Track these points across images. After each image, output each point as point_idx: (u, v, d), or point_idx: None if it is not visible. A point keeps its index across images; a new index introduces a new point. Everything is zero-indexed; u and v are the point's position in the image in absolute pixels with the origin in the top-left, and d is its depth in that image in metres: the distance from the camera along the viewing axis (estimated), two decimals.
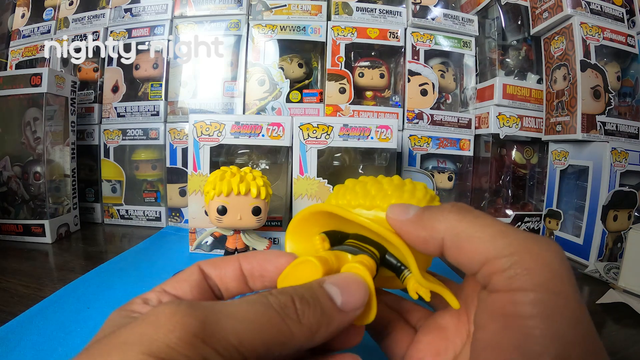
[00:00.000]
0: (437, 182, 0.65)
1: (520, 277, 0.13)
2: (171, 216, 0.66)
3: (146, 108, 0.66)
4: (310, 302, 0.14)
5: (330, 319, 0.14)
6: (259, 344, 0.12)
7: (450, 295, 0.17)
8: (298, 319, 0.13)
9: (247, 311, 0.13)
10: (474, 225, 0.15)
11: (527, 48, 0.66)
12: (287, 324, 0.13)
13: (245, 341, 0.12)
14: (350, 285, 0.15)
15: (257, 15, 0.66)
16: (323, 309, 0.14)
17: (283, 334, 0.13)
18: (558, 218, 0.59)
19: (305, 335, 0.13)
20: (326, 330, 0.14)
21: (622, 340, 0.33)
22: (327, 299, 0.14)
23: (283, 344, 0.13)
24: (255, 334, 0.12)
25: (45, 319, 0.32)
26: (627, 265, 0.41)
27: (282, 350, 0.13)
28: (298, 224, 0.21)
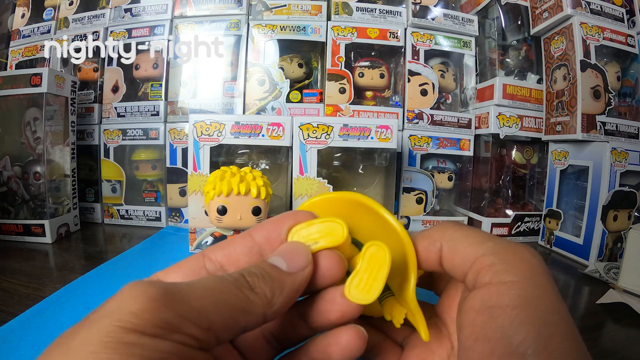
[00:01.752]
0: (437, 182, 0.65)
1: (504, 270, 0.15)
2: (171, 216, 0.66)
3: (146, 108, 0.66)
4: (258, 274, 0.15)
5: (281, 283, 0.15)
6: (222, 310, 0.13)
7: (423, 326, 0.18)
8: (251, 288, 0.15)
9: (206, 282, 0.14)
10: (466, 233, 0.17)
11: (527, 48, 0.66)
12: (243, 292, 0.14)
13: (207, 306, 0.13)
14: (290, 251, 0.17)
15: (257, 15, 0.66)
16: (271, 277, 0.15)
17: (242, 300, 0.14)
18: (558, 218, 0.59)
19: (263, 302, 0.15)
20: (281, 294, 0.15)
21: (622, 340, 0.33)
22: (273, 267, 0.16)
23: (245, 311, 0.14)
24: (216, 300, 0.13)
25: (45, 319, 0.32)
26: (627, 265, 0.41)
27: (247, 319, 0.14)
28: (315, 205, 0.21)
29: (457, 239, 0.17)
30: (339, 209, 0.20)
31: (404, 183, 0.64)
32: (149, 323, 0.12)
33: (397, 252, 0.18)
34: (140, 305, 0.12)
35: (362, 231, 0.20)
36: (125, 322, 0.11)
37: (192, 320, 0.12)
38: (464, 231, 0.17)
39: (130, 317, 0.12)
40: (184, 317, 0.12)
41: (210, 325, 0.13)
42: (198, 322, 0.13)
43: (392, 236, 0.19)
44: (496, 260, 0.15)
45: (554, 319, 0.14)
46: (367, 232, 0.20)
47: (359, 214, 0.20)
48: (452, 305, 0.19)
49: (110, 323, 0.11)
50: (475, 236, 0.17)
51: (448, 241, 0.17)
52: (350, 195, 0.20)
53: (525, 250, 0.16)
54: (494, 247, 0.16)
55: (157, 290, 0.12)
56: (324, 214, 0.20)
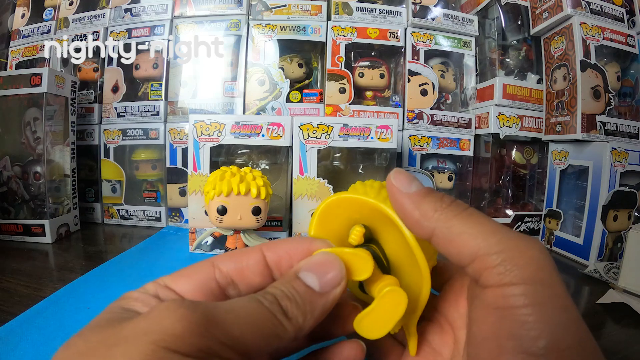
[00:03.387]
0: (437, 182, 0.65)
1: (510, 272, 0.14)
2: (171, 216, 0.66)
3: (146, 108, 0.66)
4: (291, 298, 0.15)
5: (313, 304, 0.15)
6: (258, 337, 0.13)
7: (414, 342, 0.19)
8: (285, 314, 0.14)
9: (244, 307, 0.14)
10: (467, 222, 0.15)
11: (527, 48, 0.66)
12: (278, 319, 0.14)
13: (246, 334, 0.13)
14: (324, 267, 0.16)
15: (257, 15, 0.66)
16: (304, 300, 0.15)
17: (277, 327, 0.14)
18: (558, 218, 0.59)
19: (295, 326, 0.14)
20: (312, 316, 0.15)
21: (622, 340, 0.33)
22: (305, 288, 0.15)
23: (279, 336, 0.14)
24: (253, 327, 0.13)
25: (45, 319, 0.32)
26: (627, 265, 0.41)
27: (279, 342, 0.14)
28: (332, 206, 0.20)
29: (454, 227, 0.15)
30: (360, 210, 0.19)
31: None
32: (191, 347, 0.12)
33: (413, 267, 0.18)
34: (183, 328, 0.12)
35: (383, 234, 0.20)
36: (168, 343, 0.11)
37: (232, 347, 0.13)
38: (462, 217, 0.15)
39: (173, 339, 0.11)
40: (224, 343, 0.12)
41: (245, 351, 0.13)
42: (236, 348, 0.13)
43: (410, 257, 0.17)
44: (501, 260, 0.14)
45: (564, 319, 0.13)
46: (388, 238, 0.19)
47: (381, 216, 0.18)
48: (458, 300, 0.19)
49: (152, 342, 0.11)
50: (476, 227, 0.15)
51: (444, 227, 0.16)
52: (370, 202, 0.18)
53: (531, 247, 0.15)
54: (497, 244, 0.14)
55: (201, 315, 0.12)
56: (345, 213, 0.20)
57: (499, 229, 0.15)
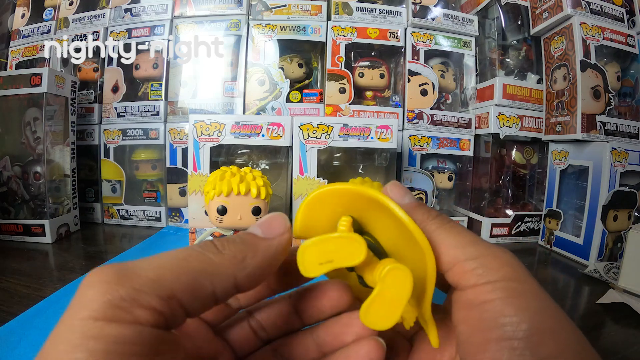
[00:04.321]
0: (437, 182, 0.65)
1: (486, 273, 0.15)
2: (171, 216, 0.66)
3: (146, 108, 0.66)
4: (229, 239, 0.15)
5: (255, 246, 0.15)
6: (183, 276, 0.13)
7: (434, 332, 0.18)
8: (218, 250, 0.14)
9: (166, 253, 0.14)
10: (449, 234, 0.17)
11: (527, 48, 0.66)
12: (206, 255, 0.14)
13: (165, 274, 0.13)
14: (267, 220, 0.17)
15: (257, 15, 0.66)
16: (243, 240, 0.15)
17: (206, 263, 0.14)
18: (558, 218, 0.59)
19: (232, 262, 0.14)
20: (254, 256, 0.15)
21: (622, 340, 0.33)
22: (247, 233, 0.16)
23: (210, 273, 0.14)
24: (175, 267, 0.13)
25: (45, 319, 0.32)
26: (627, 265, 0.41)
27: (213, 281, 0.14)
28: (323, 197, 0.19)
29: (438, 237, 0.17)
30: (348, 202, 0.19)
31: (404, 183, 0.64)
32: (105, 306, 0.12)
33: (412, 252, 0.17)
34: (95, 289, 0.12)
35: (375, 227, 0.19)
36: (84, 312, 0.11)
37: (149, 291, 0.12)
38: (445, 229, 0.17)
39: (88, 305, 0.12)
40: (139, 289, 0.12)
41: (170, 293, 0.13)
42: (156, 291, 0.12)
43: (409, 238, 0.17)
44: (478, 264, 0.16)
45: (542, 305, 0.15)
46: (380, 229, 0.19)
47: (371, 208, 0.18)
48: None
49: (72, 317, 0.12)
50: (456, 237, 0.17)
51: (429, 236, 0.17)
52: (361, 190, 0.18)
53: (503, 253, 0.16)
54: (474, 252, 0.16)
55: (111, 271, 0.12)
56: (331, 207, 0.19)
57: (476, 240, 0.17)
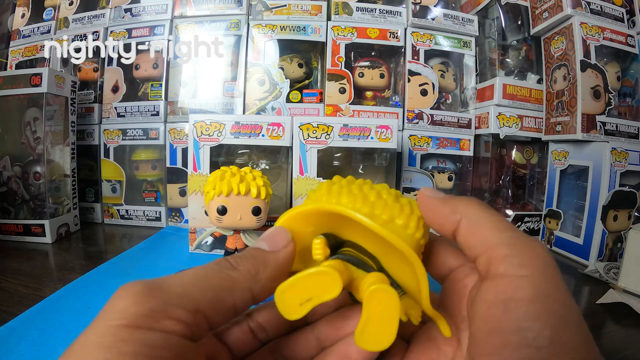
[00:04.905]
0: (437, 182, 0.65)
1: (518, 264, 0.15)
2: (171, 216, 0.66)
3: (146, 108, 0.66)
4: (241, 256, 0.17)
5: (264, 260, 0.17)
6: (206, 291, 0.15)
7: (443, 323, 0.18)
8: (233, 267, 0.16)
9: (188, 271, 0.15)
10: (489, 217, 0.17)
11: (527, 48, 0.66)
12: (225, 272, 0.16)
13: (191, 289, 0.14)
14: (271, 234, 0.18)
15: (257, 15, 0.66)
16: (254, 256, 0.17)
17: (224, 279, 0.15)
18: (558, 218, 0.59)
19: (247, 277, 0.16)
20: (265, 269, 0.16)
21: (622, 340, 0.33)
22: (255, 249, 0.17)
23: (229, 288, 0.15)
24: (198, 283, 0.15)
25: (45, 319, 0.32)
26: (627, 265, 0.41)
27: (233, 296, 0.15)
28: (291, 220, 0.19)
29: (479, 219, 0.17)
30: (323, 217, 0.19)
31: (404, 183, 0.64)
32: (136, 315, 0.12)
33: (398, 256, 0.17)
34: (126, 300, 0.13)
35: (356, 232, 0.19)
36: (115, 320, 0.12)
37: (177, 304, 0.13)
38: (486, 213, 0.17)
39: (119, 314, 0.12)
40: (168, 302, 0.13)
41: (196, 307, 0.14)
42: (183, 304, 0.13)
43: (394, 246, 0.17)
44: (511, 252, 0.15)
45: (566, 313, 0.14)
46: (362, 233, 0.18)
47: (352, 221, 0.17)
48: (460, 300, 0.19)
49: (102, 324, 0.12)
50: (496, 222, 0.17)
51: (470, 218, 0.17)
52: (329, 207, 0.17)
53: (538, 245, 0.16)
54: (510, 238, 0.16)
55: (141, 285, 0.14)
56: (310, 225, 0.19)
57: (513, 228, 0.17)
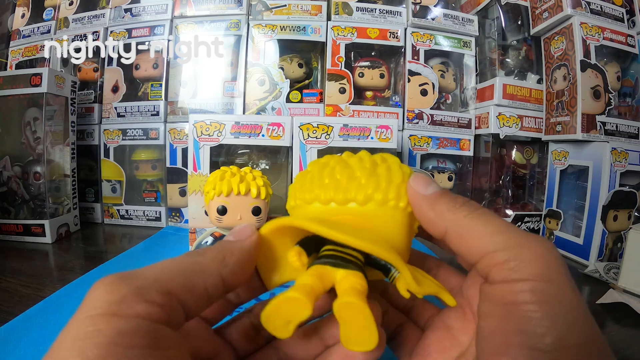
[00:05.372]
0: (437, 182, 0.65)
1: (517, 268, 0.14)
2: (171, 216, 0.66)
3: (146, 108, 0.66)
4: (209, 247, 0.17)
5: (231, 248, 0.17)
6: (176, 275, 0.15)
7: (445, 294, 0.17)
8: (201, 254, 0.16)
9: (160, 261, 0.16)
10: (477, 221, 0.16)
11: (527, 48, 0.66)
12: (194, 258, 0.16)
13: (161, 274, 0.14)
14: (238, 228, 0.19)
15: (257, 15, 0.66)
16: (220, 244, 0.17)
17: (193, 264, 0.16)
18: (558, 218, 0.59)
19: (215, 262, 0.16)
20: (231, 256, 0.17)
21: (622, 340, 0.33)
22: (222, 241, 0.18)
23: (199, 271, 0.15)
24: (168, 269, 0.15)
25: (45, 319, 0.32)
26: (627, 265, 0.41)
27: (204, 279, 0.15)
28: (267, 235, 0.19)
29: (465, 226, 0.16)
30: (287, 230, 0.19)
31: None
32: (109, 303, 0.12)
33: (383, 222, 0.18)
34: (99, 290, 0.13)
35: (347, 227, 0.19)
36: (90, 311, 0.12)
37: (149, 288, 0.13)
38: (474, 217, 0.16)
39: (93, 305, 0.12)
40: (140, 287, 0.13)
41: (167, 289, 0.14)
42: (155, 288, 0.13)
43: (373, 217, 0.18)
44: (509, 257, 0.14)
45: (571, 317, 0.14)
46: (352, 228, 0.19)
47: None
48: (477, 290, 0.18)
49: (78, 317, 0.12)
50: (485, 226, 0.16)
51: (455, 226, 0.16)
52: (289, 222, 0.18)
53: (539, 244, 0.15)
54: (505, 242, 0.15)
55: (114, 276, 0.14)
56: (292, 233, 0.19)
57: (507, 228, 0.15)
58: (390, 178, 0.19)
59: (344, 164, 0.20)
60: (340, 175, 0.19)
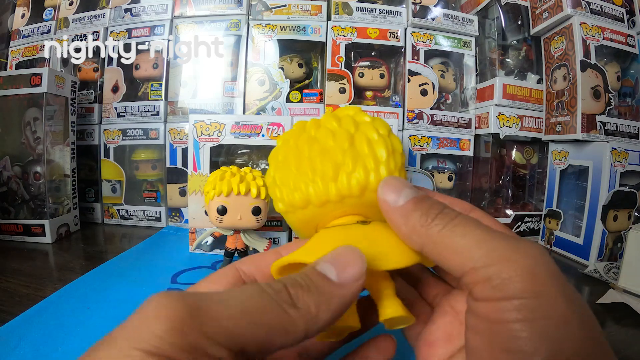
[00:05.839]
0: (437, 182, 0.65)
1: (501, 286, 0.13)
2: (171, 216, 0.66)
3: (146, 108, 0.66)
4: (303, 285, 0.13)
5: (330, 295, 0.14)
6: (257, 330, 0.12)
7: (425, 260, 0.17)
8: (294, 303, 0.13)
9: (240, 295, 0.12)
10: (454, 235, 0.15)
11: (527, 48, 0.66)
12: (283, 308, 0.13)
13: (240, 326, 0.12)
14: (343, 257, 0.15)
15: (257, 15, 0.66)
16: (318, 288, 0.13)
17: (281, 318, 0.12)
18: (558, 218, 0.59)
19: (306, 319, 0.13)
20: (328, 309, 0.13)
21: (622, 340, 0.33)
22: (321, 277, 0.14)
23: (284, 330, 0.12)
24: (249, 318, 0.12)
25: (45, 319, 0.32)
26: (627, 265, 0.41)
27: (286, 339, 0.12)
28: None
29: (441, 242, 0.15)
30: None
31: None
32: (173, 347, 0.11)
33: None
34: (164, 326, 0.11)
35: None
36: (147, 345, 0.10)
37: (222, 343, 0.11)
38: (450, 230, 0.15)
39: (152, 340, 0.11)
40: (212, 339, 0.11)
41: (242, 348, 0.12)
42: (228, 344, 0.11)
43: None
44: (491, 274, 0.13)
45: (563, 331, 0.12)
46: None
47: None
48: None
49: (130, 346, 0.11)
50: (464, 238, 0.14)
51: (430, 242, 0.15)
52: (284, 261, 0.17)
53: (523, 256, 0.13)
54: (486, 257, 0.13)
55: (186, 310, 0.11)
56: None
57: (488, 238, 0.14)
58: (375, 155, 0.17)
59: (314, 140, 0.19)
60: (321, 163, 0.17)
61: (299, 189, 0.18)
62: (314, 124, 0.20)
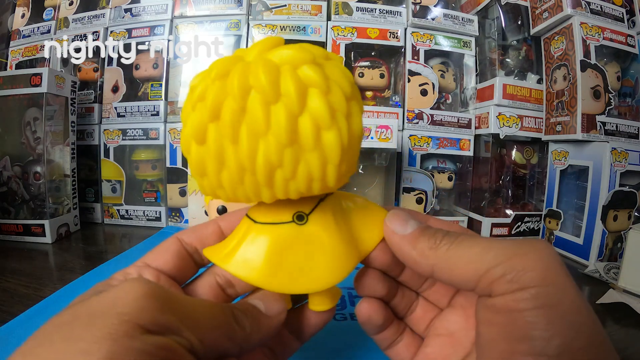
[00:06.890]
0: (437, 182, 0.65)
1: (516, 279, 0.14)
2: (171, 216, 0.66)
3: (146, 108, 0.66)
4: (242, 310, 0.17)
5: (259, 322, 0.17)
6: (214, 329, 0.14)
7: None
8: (237, 321, 0.16)
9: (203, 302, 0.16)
10: (461, 250, 0.16)
11: (527, 48, 0.66)
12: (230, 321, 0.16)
13: (204, 321, 0.14)
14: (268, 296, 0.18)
15: (257, 15, 0.66)
16: (252, 315, 0.17)
17: (229, 328, 0.15)
18: (558, 218, 0.59)
19: (242, 335, 0.16)
20: (258, 331, 0.16)
21: (622, 340, 0.33)
22: (253, 308, 0.17)
23: (229, 337, 0.15)
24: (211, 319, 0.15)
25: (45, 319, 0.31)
26: (627, 265, 0.41)
27: (227, 345, 0.15)
28: None
29: (452, 257, 0.16)
30: None
31: (404, 183, 0.64)
32: (153, 321, 0.12)
33: None
34: (147, 302, 0.12)
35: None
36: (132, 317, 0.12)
37: (190, 328, 0.13)
38: (458, 246, 0.16)
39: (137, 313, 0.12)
40: (184, 323, 0.13)
41: (202, 338, 0.13)
42: (195, 331, 0.13)
43: None
44: (504, 270, 0.14)
45: (577, 320, 0.13)
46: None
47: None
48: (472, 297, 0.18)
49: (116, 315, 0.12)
50: (472, 248, 0.15)
51: (442, 262, 0.16)
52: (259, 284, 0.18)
53: (533, 249, 0.15)
54: (496, 257, 0.15)
55: (162, 293, 0.13)
56: None
57: (494, 244, 0.15)
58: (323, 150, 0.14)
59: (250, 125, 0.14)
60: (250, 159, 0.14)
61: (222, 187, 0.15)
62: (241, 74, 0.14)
